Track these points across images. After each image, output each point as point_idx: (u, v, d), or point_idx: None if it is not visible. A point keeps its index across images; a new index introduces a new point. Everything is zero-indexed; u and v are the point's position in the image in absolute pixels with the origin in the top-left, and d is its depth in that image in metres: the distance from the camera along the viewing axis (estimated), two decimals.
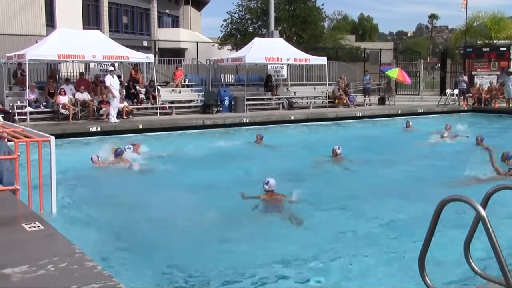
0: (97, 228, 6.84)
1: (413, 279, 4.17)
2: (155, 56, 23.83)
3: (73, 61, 19.45)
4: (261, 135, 14.27)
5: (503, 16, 34.78)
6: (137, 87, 19.84)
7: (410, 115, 21.86)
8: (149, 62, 20.33)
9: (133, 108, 18.61)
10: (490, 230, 2.67)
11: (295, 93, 24.45)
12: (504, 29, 33.80)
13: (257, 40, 23.68)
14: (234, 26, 38.82)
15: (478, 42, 33.93)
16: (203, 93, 21.36)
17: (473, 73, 28.52)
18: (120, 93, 17.73)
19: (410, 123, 18.00)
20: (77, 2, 32.25)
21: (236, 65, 23.83)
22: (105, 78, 17.56)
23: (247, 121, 18.83)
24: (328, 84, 24.14)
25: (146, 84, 20.17)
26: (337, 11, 78.29)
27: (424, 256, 3.05)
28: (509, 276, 2.66)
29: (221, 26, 39.35)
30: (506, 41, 31.88)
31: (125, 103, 18.18)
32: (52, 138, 6.60)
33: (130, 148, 11.88)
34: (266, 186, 7.83)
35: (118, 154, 11.09)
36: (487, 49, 29.42)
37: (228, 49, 36.06)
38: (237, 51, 29.09)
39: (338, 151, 11.45)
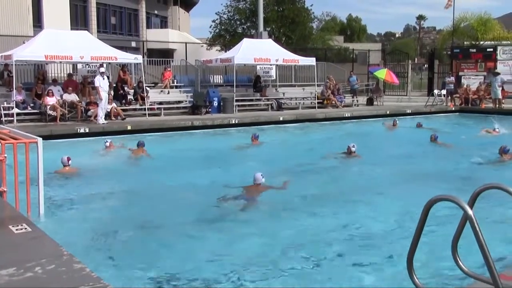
0: (85, 229, 6.79)
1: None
2: (143, 57, 23.73)
3: (60, 62, 19.33)
4: (256, 135, 14.55)
5: (489, 18, 35.09)
6: (126, 88, 19.74)
7: (398, 116, 21.99)
8: (137, 63, 20.23)
9: (122, 109, 18.49)
10: (477, 229, 2.70)
11: (284, 94, 24.49)
12: (491, 30, 34.10)
13: (246, 41, 23.68)
14: (223, 27, 38.82)
15: (465, 43, 34.19)
16: (192, 94, 21.31)
17: (460, 73, 28.74)
18: (108, 94, 17.64)
19: (397, 122, 18.94)
20: (64, 2, 32.04)
21: (225, 66, 23.82)
22: (94, 78, 17.46)
23: (236, 122, 18.81)
24: (317, 85, 24.21)
25: (134, 85, 20.08)
26: (326, 12, 78.65)
27: (412, 255, 3.06)
28: (496, 275, 2.68)
29: (210, 26, 39.37)
30: (493, 42, 32.15)
31: (114, 104, 18.09)
32: (40, 140, 6.55)
33: (106, 142, 12.85)
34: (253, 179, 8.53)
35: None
36: (474, 50, 29.65)
37: (217, 50, 36.05)
38: (226, 52, 29.10)
39: (353, 149, 11.86)
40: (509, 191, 3.03)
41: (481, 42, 32.95)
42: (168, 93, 21.56)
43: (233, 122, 18.77)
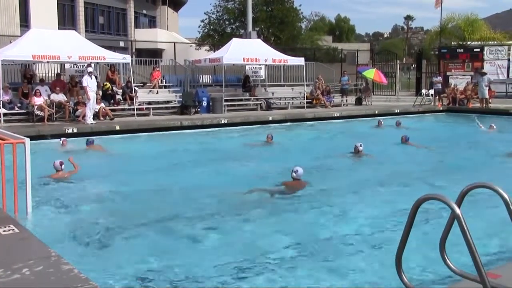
0: (73, 230, 6.74)
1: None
2: (132, 56, 23.63)
3: (48, 62, 19.18)
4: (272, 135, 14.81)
5: (476, 18, 35.39)
6: (114, 88, 19.65)
7: (387, 115, 22.14)
8: (126, 63, 20.14)
9: (110, 109, 18.39)
10: (465, 228, 2.72)
11: (273, 93, 24.51)
12: (478, 31, 34.38)
13: (235, 40, 23.67)
14: (211, 27, 38.79)
15: (452, 43, 34.45)
16: (181, 94, 21.26)
17: (448, 73, 28.98)
18: (96, 94, 17.54)
19: (382, 122, 19.30)
20: (52, 2, 31.80)
21: (214, 65, 23.80)
22: (82, 78, 17.35)
23: (225, 122, 18.80)
24: (306, 84, 24.27)
25: (123, 85, 19.99)
26: (314, 12, 78.93)
27: (401, 254, 3.09)
28: (483, 273, 2.71)
29: (199, 26, 39.32)
30: (480, 43, 32.44)
31: (102, 105, 17.99)
32: (27, 140, 6.50)
33: (60, 140, 13.46)
34: (294, 174, 8.58)
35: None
36: (461, 50, 29.92)
37: (206, 50, 35.99)
38: (214, 51, 29.04)
39: (360, 148, 12.04)
40: (496, 189, 3.06)
41: (468, 42, 33.22)
42: (157, 93, 21.48)
43: (223, 122, 18.75)
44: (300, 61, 23.79)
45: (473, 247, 2.70)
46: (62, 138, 13.85)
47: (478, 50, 29.09)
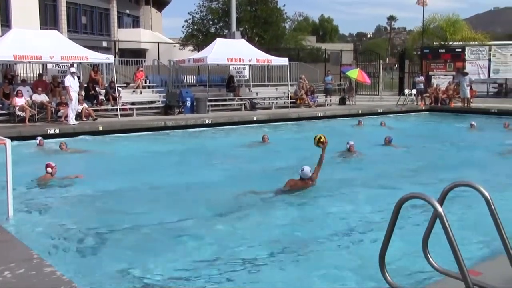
0: (56, 232, 6.67)
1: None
2: (115, 56, 23.47)
3: (30, 62, 18.96)
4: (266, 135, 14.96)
5: (458, 18, 35.78)
6: (97, 88, 19.50)
7: (370, 115, 22.32)
8: (109, 63, 20.01)
9: (93, 109, 18.25)
10: (447, 226, 2.75)
11: (257, 93, 24.53)
12: (459, 31, 34.77)
13: (219, 40, 23.64)
14: (195, 27, 38.68)
15: (434, 43, 34.78)
16: (165, 94, 21.17)
17: (430, 73, 29.28)
18: (79, 95, 17.39)
19: (362, 121, 19.53)
20: (33, 1, 31.47)
21: (198, 65, 23.73)
22: (65, 78, 17.18)
23: (209, 122, 18.77)
24: (290, 84, 24.33)
25: (106, 85, 19.84)
26: (298, 12, 78.97)
27: (384, 253, 3.11)
28: (465, 270, 2.74)
29: (183, 26, 39.23)
30: (461, 43, 32.83)
31: (85, 105, 17.84)
32: (8, 141, 6.42)
33: (36, 140, 13.35)
34: (301, 173, 8.63)
35: None
36: (443, 51, 30.27)
37: (189, 50, 35.88)
38: (198, 51, 28.99)
39: (350, 145, 12.30)
40: (477, 188, 3.10)
41: (450, 43, 33.58)
42: (141, 93, 21.37)
43: (207, 122, 18.71)
44: (284, 61, 23.84)
45: (455, 245, 2.72)
46: (39, 138, 13.64)
47: (460, 50, 29.46)
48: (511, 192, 8.85)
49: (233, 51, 22.20)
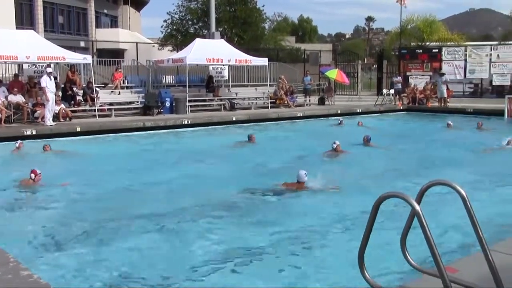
0: (32, 234, 6.58)
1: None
2: (93, 57, 23.21)
3: (5, 62, 18.63)
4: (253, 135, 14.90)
5: (434, 19, 36.30)
6: (74, 89, 19.27)
7: (349, 115, 22.48)
8: (86, 63, 19.79)
9: (70, 110, 18.04)
10: (425, 224, 2.78)
11: (236, 94, 24.52)
12: (436, 32, 35.28)
13: (198, 41, 23.56)
14: (174, 27, 38.46)
15: (412, 44, 35.21)
16: (144, 95, 21.03)
17: (408, 73, 29.62)
18: (56, 95, 17.16)
19: (343, 121, 19.70)
20: (9, 1, 30.93)
21: (177, 66, 23.62)
22: (41, 79, 16.94)
23: (189, 122, 18.70)
24: (269, 85, 24.37)
25: (83, 85, 19.62)
26: (277, 13, 79.08)
27: (363, 252, 3.13)
28: (442, 268, 2.78)
29: (162, 26, 38.91)
30: (438, 43, 33.28)
31: (62, 106, 17.62)
32: None
33: (16, 142, 13.10)
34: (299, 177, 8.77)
35: None
36: (420, 51, 30.65)
37: (168, 50, 35.68)
38: (178, 52, 28.85)
39: (337, 145, 12.43)
40: (453, 186, 3.15)
41: (427, 43, 34.01)
42: (119, 93, 21.18)
43: (186, 122, 18.64)
44: (263, 61, 23.87)
45: (432, 243, 2.76)
46: (19, 141, 13.32)
47: (437, 51, 29.85)
48: (487, 190, 9.02)
49: (212, 52, 22.15)
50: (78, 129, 16.17)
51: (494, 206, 7.75)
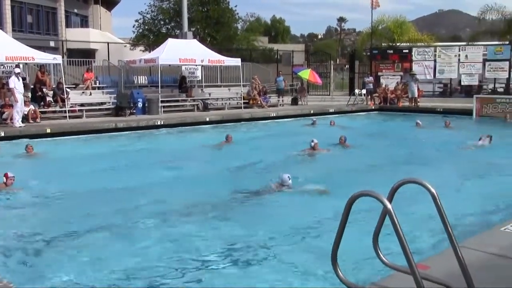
0: (4, 240, 6.44)
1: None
2: (63, 57, 22.87)
3: None
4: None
5: (404, 20, 36.79)
6: (44, 90, 18.93)
7: (322, 115, 22.63)
8: (56, 63, 19.47)
9: (40, 111, 17.71)
10: (396, 222, 2.82)
11: (210, 94, 24.45)
12: (406, 33, 35.77)
13: (170, 41, 23.41)
14: (146, 27, 38.18)
15: (383, 44, 35.65)
16: (115, 95, 20.78)
17: (379, 74, 29.99)
18: (25, 96, 16.83)
19: (316, 121, 19.75)
20: None
21: (149, 66, 23.42)
22: (9, 79, 16.58)
23: (162, 123, 18.56)
24: (243, 85, 24.37)
25: (53, 86, 19.29)
26: (250, 13, 79.06)
27: (336, 250, 3.16)
28: (413, 265, 2.82)
29: (133, 26, 38.61)
30: (408, 44, 33.79)
31: (31, 107, 17.29)
32: None
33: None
34: (279, 180, 8.88)
35: None
36: (391, 51, 31.07)
37: (140, 50, 35.35)
38: (150, 52, 28.58)
39: (315, 143, 12.56)
40: (424, 184, 3.20)
41: (398, 44, 34.49)
42: (90, 94, 20.90)
43: (159, 123, 18.50)
44: (236, 61, 23.86)
45: (403, 240, 2.80)
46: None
47: (407, 51, 30.34)
48: (456, 187, 9.19)
49: (185, 52, 22.03)
50: (48, 130, 15.89)
51: (464, 203, 7.91)
